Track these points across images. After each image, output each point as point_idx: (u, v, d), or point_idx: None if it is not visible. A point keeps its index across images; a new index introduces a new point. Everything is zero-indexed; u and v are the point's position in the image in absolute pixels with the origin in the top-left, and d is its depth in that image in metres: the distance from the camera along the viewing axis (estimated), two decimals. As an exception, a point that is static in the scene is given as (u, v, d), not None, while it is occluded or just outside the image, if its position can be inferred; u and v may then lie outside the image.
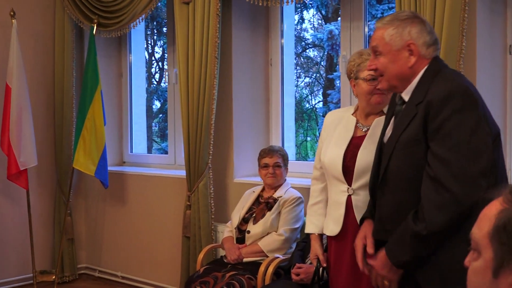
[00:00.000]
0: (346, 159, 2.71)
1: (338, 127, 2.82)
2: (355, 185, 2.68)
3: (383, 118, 2.63)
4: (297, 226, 3.76)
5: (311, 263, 3.14)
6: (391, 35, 2.21)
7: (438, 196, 2.03)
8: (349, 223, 2.70)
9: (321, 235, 2.93)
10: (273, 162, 3.88)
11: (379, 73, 2.28)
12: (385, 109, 2.72)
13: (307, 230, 3.02)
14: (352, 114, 2.83)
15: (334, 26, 8.46)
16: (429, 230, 2.05)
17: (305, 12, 9.36)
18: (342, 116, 2.85)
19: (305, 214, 3.63)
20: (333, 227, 2.76)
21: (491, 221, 1.06)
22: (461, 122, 2.03)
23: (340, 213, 2.72)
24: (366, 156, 2.61)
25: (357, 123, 2.79)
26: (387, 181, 2.25)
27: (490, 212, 1.08)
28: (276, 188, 3.88)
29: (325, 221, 2.85)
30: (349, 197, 2.70)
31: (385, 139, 2.33)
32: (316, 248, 2.93)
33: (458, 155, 2.02)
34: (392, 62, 2.22)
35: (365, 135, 2.74)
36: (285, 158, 3.93)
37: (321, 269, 2.94)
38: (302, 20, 9.26)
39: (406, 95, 2.24)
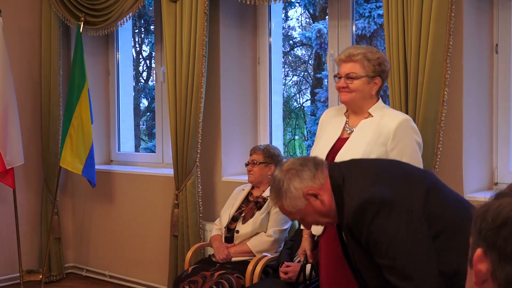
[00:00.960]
0: (327, 160, 2.72)
1: (329, 126, 2.83)
2: None
3: (369, 120, 2.69)
4: (286, 227, 3.75)
5: (299, 261, 3.15)
6: (289, 204, 2.21)
7: None
8: None
9: None
10: (251, 159, 3.87)
11: (319, 225, 2.32)
12: (372, 112, 2.74)
13: (299, 226, 3.02)
14: (345, 114, 2.83)
15: (323, 25, 8.48)
16: None
17: (291, 11, 9.37)
18: (335, 115, 2.86)
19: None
20: (316, 227, 2.77)
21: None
22: (379, 228, 2.06)
23: None
24: (343, 160, 2.62)
25: (346, 123, 2.79)
26: None
27: None
28: (262, 186, 3.87)
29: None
30: None
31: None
32: (305, 244, 2.94)
33: (394, 256, 2.05)
34: (312, 214, 2.23)
35: (348, 138, 2.74)
36: (269, 156, 3.84)
37: (308, 266, 2.95)
38: (286, 18, 9.27)
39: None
